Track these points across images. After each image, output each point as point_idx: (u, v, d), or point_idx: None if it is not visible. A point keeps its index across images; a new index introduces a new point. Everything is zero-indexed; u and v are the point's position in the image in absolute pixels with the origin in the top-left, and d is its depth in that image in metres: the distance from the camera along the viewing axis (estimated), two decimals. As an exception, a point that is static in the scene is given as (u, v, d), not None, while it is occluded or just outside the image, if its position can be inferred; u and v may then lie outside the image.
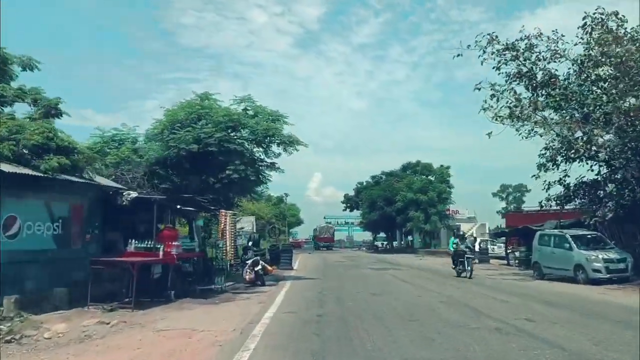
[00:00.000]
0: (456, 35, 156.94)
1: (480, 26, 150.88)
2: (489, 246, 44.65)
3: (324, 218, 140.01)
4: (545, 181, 24.39)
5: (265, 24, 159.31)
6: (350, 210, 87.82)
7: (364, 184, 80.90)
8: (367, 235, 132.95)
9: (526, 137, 22.87)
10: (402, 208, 63.61)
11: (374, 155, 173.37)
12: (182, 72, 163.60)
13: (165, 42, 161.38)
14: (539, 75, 22.70)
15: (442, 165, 65.79)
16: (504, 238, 52.96)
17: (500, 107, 21.52)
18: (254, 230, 31.34)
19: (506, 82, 22.25)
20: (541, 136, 22.51)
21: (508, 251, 45.95)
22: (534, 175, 24.01)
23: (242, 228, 29.77)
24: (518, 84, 22.34)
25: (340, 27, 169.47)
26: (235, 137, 21.69)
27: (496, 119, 21.94)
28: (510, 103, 21.67)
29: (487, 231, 75.74)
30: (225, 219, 17.50)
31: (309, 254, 62.06)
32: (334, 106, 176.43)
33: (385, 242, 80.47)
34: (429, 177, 64.68)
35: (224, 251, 17.56)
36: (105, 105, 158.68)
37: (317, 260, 43.07)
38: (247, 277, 19.99)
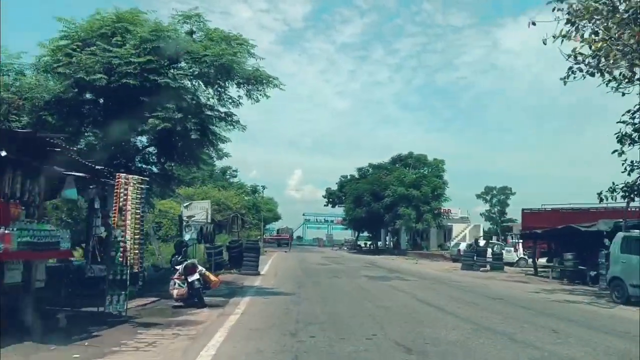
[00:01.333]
0: (439, 39, 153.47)
1: (464, 32, 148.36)
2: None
3: (303, 215, 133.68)
4: (625, 161, 16.76)
5: (250, 20, 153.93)
6: (332, 206, 79.96)
7: (348, 177, 73.04)
8: (348, 234, 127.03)
9: (615, 89, 15.01)
10: (391, 204, 55.90)
11: (354, 155, 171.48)
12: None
13: None
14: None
15: (436, 159, 57.98)
16: (513, 241, 45.80)
17: (583, 40, 13.54)
18: (209, 220, 23.20)
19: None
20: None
21: (522, 256, 38.83)
22: (616, 151, 16.34)
23: (193, 217, 21.66)
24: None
25: (325, 25, 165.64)
26: (169, 68, 13.56)
27: (575, 57, 14.04)
28: (596, 34, 13.72)
29: (482, 233, 68.54)
30: (127, 189, 9.37)
31: (285, 252, 54.02)
32: (316, 104, 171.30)
33: (369, 242, 72.65)
34: (422, 170, 56.82)
35: (123, 248, 9.47)
36: None
37: (292, 261, 35.08)
38: (173, 292, 11.89)
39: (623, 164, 16.72)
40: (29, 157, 8.43)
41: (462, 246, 43.25)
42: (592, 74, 14.44)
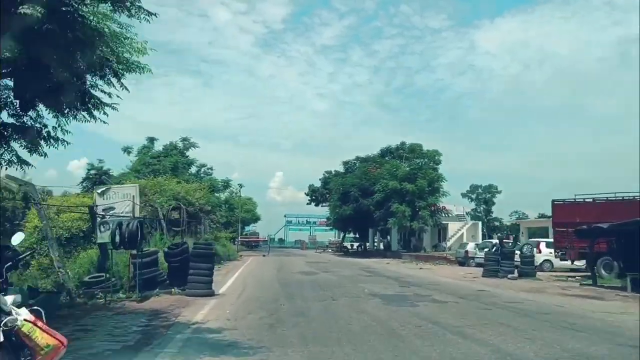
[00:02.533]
0: (417, 40, 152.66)
1: (442, 33, 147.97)
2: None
3: (284, 216, 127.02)
4: None
5: (229, 22, 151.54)
6: (316, 205, 72.52)
7: (333, 172, 65.82)
8: (331, 235, 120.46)
9: None
10: (382, 200, 48.74)
11: (336, 156, 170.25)
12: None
13: None
14: None
15: (430, 150, 50.92)
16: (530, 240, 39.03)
17: None
18: (136, 214, 15.60)
19: None
20: None
21: (546, 257, 31.86)
22: None
23: (112, 209, 14.22)
24: None
25: (304, 28, 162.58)
26: None
27: None
28: None
29: (481, 232, 61.85)
30: None
31: (264, 256, 46.56)
32: (296, 106, 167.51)
33: (357, 244, 65.47)
34: (417, 161, 49.72)
35: None
36: None
37: (269, 269, 27.71)
38: None
39: None
40: None
41: (470, 247, 36.31)
42: None
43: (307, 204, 72.16)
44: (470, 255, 35.47)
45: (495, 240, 32.45)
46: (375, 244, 68.09)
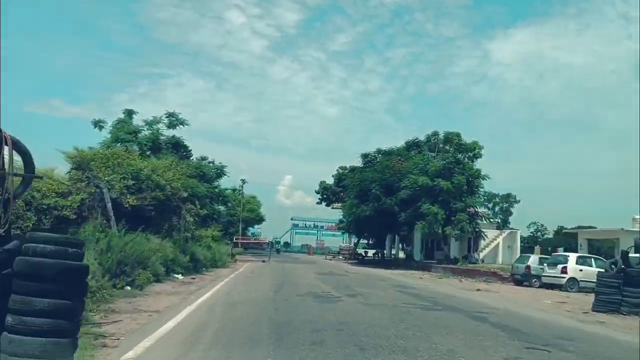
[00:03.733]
0: (432, 49, 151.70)
1: (456, 42, 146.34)
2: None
3: (291, 219, 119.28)
4: None
5: (243, 25, 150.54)
6: (327, 204, 63.56)
7: (348, 168, 56.88)
8: (339, 241, 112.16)
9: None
10: (409, 199, 39.85)
11: (345, 162, 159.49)
12: (155, 68, 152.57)
13: (140, 36, 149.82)
14: None
15: (468, 142, 41.58)
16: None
17: None
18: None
19: None
20: None
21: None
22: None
23: None
24: None
25: (317, 33, 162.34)
26: None
27: None
28: None
29: (519, 242, 52.59)
30: None
31: (264, 262, 37.68)
32: (307, 111, 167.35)
33: (373, 251, 56.38)
34: (455, 154, 40.56)
35: None
36: (76, 97, 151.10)
37: (265, 283, 18.61)
38: None
39: None
40: None
41: (533, 261, 27.27)
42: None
43: (318, 203, 63.16)
44: (533, 273, 26.49)
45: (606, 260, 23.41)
46: (393, 252, 59.07)
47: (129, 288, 14.19)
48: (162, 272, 17.35)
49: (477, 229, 39.19)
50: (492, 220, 41.22)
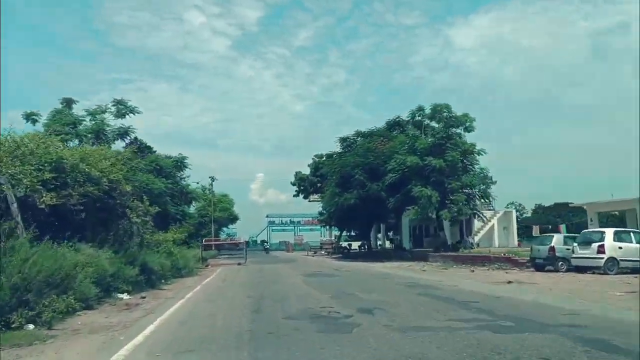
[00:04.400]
0: (393, 38, 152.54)
1: (415, 30, 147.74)
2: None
3: (266, 217, 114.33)
4: None
5: (203, 25, 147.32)
6: (305, 197, 58.69)
7: (324, 156, 52.15)
8: (316, 235, 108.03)
9: None
10: (397, 183, 35.35)
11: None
12: (115, 73, 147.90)
13: (98, 42, 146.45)
14: None
15: (457, 115, 37.00)
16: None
17: None
18: None
19: None
20: None
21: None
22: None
23: None
24: None
25: (280, 30, 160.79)
26: None
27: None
28: None
29: (515, 223, 48.65)
30: None
31: (239, 265, 32.73)
32: (275, 109, 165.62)
33: (359, 243, 51.72)
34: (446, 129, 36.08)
35: None
36: (34, 107, 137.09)
37: (236, 298, 13.47)
38: None
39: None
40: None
41: (557, 241, 22.96)
42: None
43: (295, 195, 58.16)
44: (558, 255, 22.22)
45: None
46: (379, 242, 54.60)
47: (31, 327, 9.28)
48: (95, 294, 12.36)
49: (475, 211, 34.89)
50: (493, 199, 36.96)
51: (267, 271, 25.46)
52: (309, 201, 67.95)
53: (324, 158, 51.85)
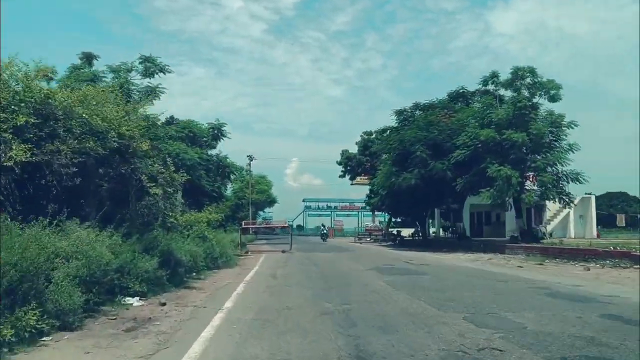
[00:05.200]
0: (432, 24, 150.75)
1: (456, 15, 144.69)
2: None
3: (303, 201, 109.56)
4: None
5: (240, 9, 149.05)
6: (351, 178, 53.52)
7: (373, 133, 46.76)
8: (352, 221, 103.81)
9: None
10: (467, 161, 29.88)
11: (351, 141, 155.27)
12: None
13: (138, 27, 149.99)
14: None
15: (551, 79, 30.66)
16: None
17: None
18: None
19: None
20: None
21: None
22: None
23: None
24: None
25: (316, 13, 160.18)
26: None
27: None
28: None
29: (594, 210, 42.46)
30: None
31: (284, 253, 27.85)
32: (310, 93, 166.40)
33: (414, 229, 46.32)
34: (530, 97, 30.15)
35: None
36: None
37: (305, 302, 8.68)
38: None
39: None
40: None
41: None
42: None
43: (341, 175, 52.93)
44: None
45: None
46: (432, 229, 49.00)
47: None
48: (81, 305, 7.54)
49: (564, 195, 28.97)
50: (585, 180, 30.66)
51: (323, 263, 20.41)
52: (351, 184, 62.84)
53: (373, 135, 46.46)
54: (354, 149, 47.93)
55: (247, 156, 56.72)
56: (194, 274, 14.15)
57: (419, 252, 29.19)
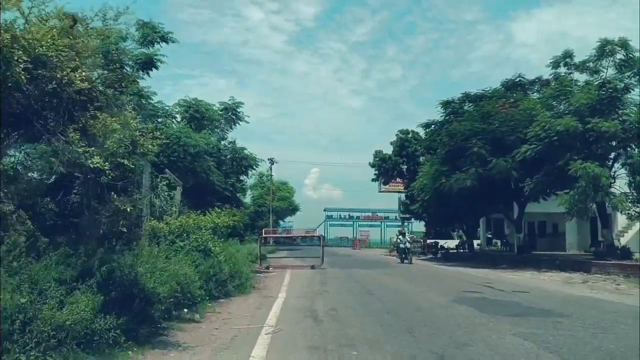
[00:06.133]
0: (452, 34, 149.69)
1: (476, 26, 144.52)
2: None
3: (324, 211, 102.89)
4: None
5: (262, 21, 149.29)
6: (385, 183, 47.61)
7: (410, 133, 40.86)
8: (375, 232, 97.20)
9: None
10: (538, 157, 23.99)
11: (371, 152, 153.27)
12: (178, 69, 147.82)
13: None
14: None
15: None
16: None
17: None
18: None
19: None
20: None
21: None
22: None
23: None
24: None
25: (336, 25, 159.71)
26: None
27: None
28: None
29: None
30: None
31: (313, 268, 22.13)
32: (330, 103, 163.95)
33: (460, 241, 40.15)
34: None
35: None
36: None
37: None
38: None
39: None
40: None
41: None
42: None
43: (373, 179, 46.86)
44: None
45: None
46: (478, 241, 42.67)
47: None
48: None
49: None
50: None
51: (375, 287, 14.66)
52: (379, 191, 57.09)
53: (410, 134, 40.60)
54: (408, 132, 41.12)
55: (268, 159, 51.33)
56: (185, 310, 8.55)
57: (480, 270, 23.24)
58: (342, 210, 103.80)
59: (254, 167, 25.00)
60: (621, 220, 33.27)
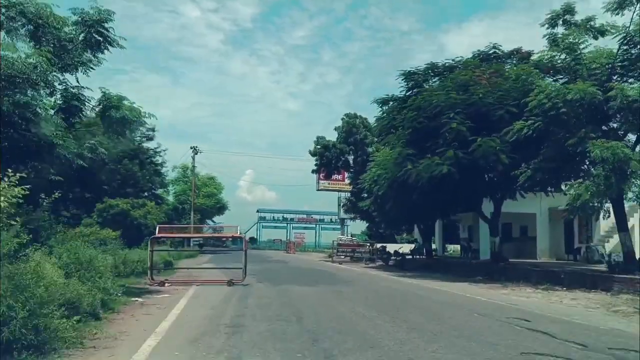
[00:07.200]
0: (387, 42, 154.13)
1: (411, 36, 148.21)
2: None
3: (257, 212, 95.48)
4: None
5: (198, 19, 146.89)
6: (327, 175, 40.59)
7: (357, 118, 34.16)
8: (309, 235, 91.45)
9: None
10: (535, 137, 17.81)
11: (307, 155, 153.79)
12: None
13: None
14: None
15: None
16: None
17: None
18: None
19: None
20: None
21: None
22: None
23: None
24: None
25: (275, 27, 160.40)
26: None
27: None
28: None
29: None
30: None
31: (230, 285, 14.75)
32: (267, 105, 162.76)
33: (415, 246, 33.13)
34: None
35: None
36: None
37: None
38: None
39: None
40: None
41: None
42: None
43: (314, 171, 39.32)
44: None
45: None
46: (433, 245, 36.14)
47: None
48: None
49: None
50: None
51: (332, 332, 7.56)
52: (317, 190, 50.65)
53: (358, 119, 33.87)
54: (356, 116, 33.61)
55: (191, 147, 43.23)
56: None
57: (457, 284, 16.70)
58: (276, 212, 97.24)
59: (138, 127, 16.84)
60: (604, 224, 28.15)
